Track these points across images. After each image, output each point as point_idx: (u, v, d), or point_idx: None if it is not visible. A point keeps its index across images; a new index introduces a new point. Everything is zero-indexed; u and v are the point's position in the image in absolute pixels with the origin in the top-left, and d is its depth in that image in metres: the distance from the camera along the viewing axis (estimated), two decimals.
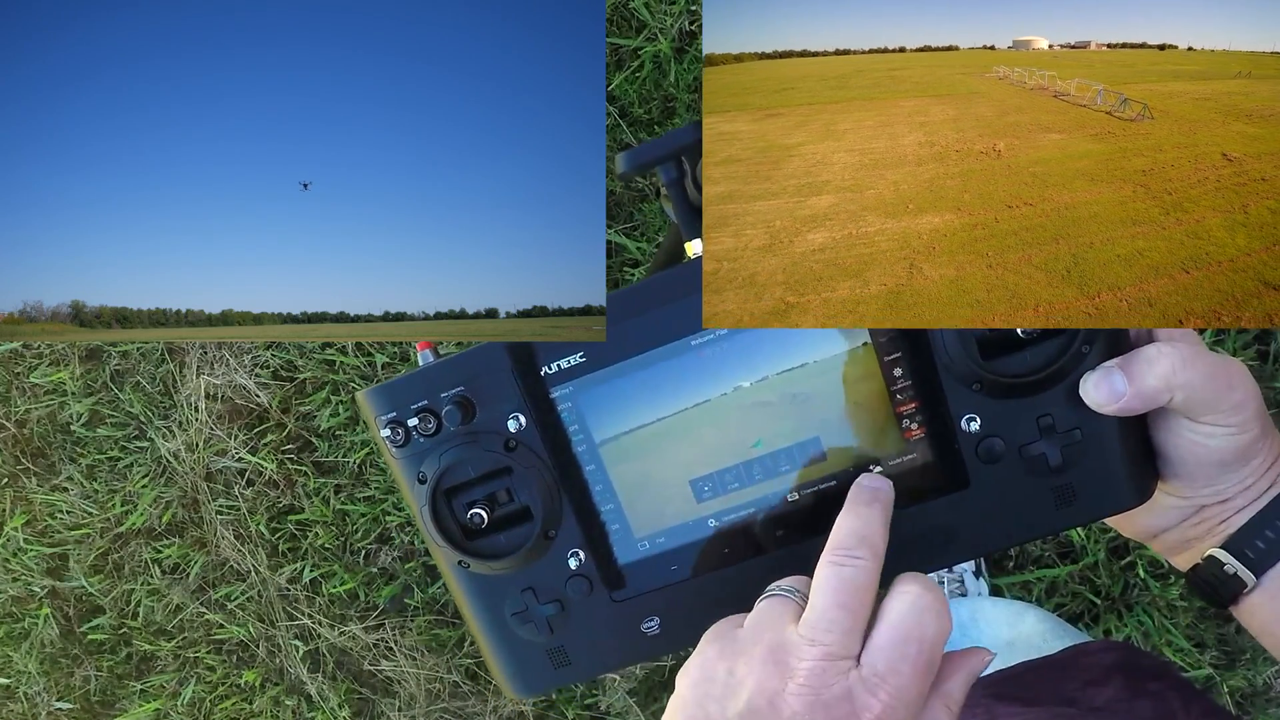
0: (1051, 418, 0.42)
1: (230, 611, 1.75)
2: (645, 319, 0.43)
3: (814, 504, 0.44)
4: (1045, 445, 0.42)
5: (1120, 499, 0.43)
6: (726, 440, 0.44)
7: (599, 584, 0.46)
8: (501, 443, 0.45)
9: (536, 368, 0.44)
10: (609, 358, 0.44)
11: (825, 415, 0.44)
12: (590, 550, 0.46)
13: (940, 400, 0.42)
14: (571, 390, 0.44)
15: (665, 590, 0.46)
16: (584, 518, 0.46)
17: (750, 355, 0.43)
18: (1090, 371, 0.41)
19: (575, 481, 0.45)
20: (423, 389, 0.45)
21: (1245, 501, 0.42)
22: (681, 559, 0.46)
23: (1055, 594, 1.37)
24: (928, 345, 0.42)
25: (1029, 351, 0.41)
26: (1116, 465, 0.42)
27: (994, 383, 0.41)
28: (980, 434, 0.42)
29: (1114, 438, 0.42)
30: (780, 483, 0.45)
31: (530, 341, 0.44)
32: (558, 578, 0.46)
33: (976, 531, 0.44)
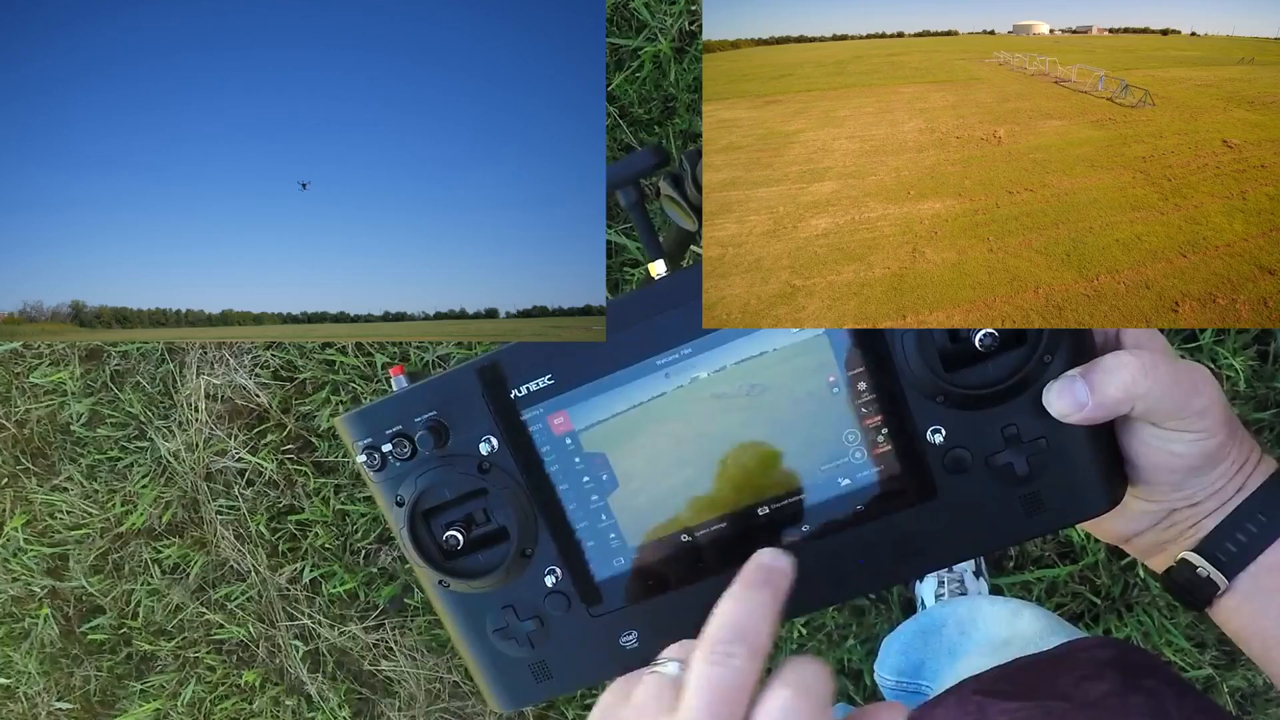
0: (1016, 427, 0.42)
1: (230, 611, 1.74)
2: (614, 340, 0.44)
3: (785, 516, 0.45)
4: (1011, 455, 0.42)
5: (1088, 506, 0.43)
6: (693, 450, 0.45)
7: (577, 600, 0.47)
8: (475, 465, 0.46)
9: (507, 391, 0.45)
10: (577, 379, 0.45)
11: (789, 421, 0.44)
12: (567, 567, 0.47)
13: (905, 413, 0.43)
14: (542, 412, 0.45)
15: (642, 604, 0.47)
16: (559, 536, 0.47)
17: (714, 360, 0.44)
18: (1053, 381, 0.41)
19: (549, 501, 0.46)
20: (397, 414, 0.46)
21: (1215, 504, 0.43)
22: (656, 573, 0.47)
23: (1055, 594, 1.36)
24: (890, 360, 0.42)
25: (991, 363, 0.41)
26: (1083, 472, 0.43)
27: (958, 395, 0.42)
28: (946, 445, 0.43)
29: (1080, 445, 0.42)
30: (750, 496, 0.45)
31: (500, 364, 0.45)
32: (536, 595, 0.48)
33: (945, 542, 0.44)
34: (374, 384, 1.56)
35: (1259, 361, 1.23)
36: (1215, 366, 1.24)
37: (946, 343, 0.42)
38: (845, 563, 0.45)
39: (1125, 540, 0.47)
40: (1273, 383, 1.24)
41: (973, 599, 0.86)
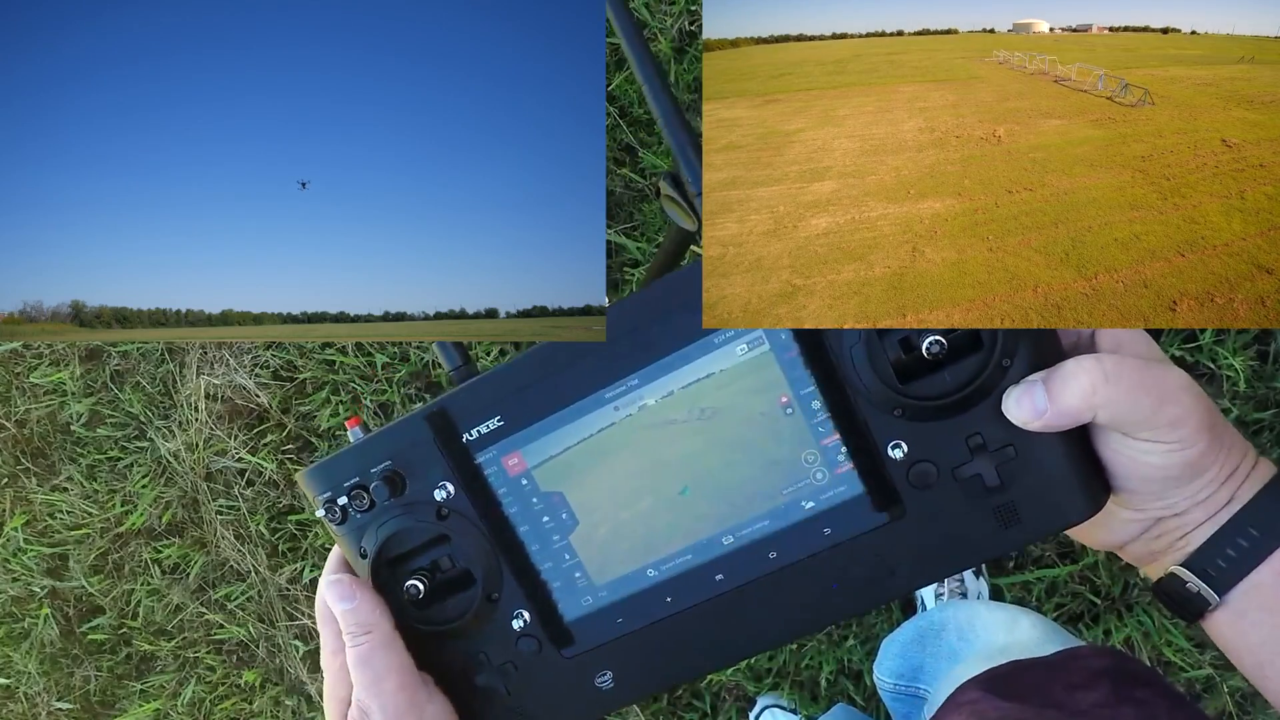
0: (981, 436, 0.40)
1: (230, 611, 1.74)
2: (561, 377, 0.43)
3: (750, 545, 0.44)
4: (979, 465, 0.41)
5: (1067, 513, 0.41)
6: (651, 480, 0.44)
7: (547, 643, 0.47)
8: (434, 512, 0.46)
9: (458, 435, 0.45)
10: (526, 418, 0.44)
11: (745, 444, 0.43)
12: (534, 610, 0.46)
13: (862, 430, 0.41)
14: (495, 453, 0.45)
15: (614, 644, 0.46)
16: (524, 578, 0.46)
17: (661, 387, 0.43)
18: (1013, 386, 0.39)
19: (511, 543, 0.46)
20: (353, 467, 0.46)
21: (1203, 515, 0.40)
22: (626, 611, 0.46)
23: (1055, 594, 1.36)
24: (840, 374, 0.41)
25: (948, 370, 0.39)
26: (1059, 479, 0.40)
27: (915, 406, 0.40)
28: (909, 460, 0.41)
29: (1053, 451, 0.40)
30: (713, 527, 0.44)
31: (448, 410, 0.44)
32: (507, 639, 0.47)
33: (920, 560, 0.42)
34: (374, 384, 1.56)
35: (1259, 361, 1.23)
36: (1215, 367, 1.24)
37: (899, 353, 0.40)
38: (819, 589, 0.43)
39: (1116, 548, 0.45)
40: (1273, 383, 1.24)
41: (972, 604, 0.86)
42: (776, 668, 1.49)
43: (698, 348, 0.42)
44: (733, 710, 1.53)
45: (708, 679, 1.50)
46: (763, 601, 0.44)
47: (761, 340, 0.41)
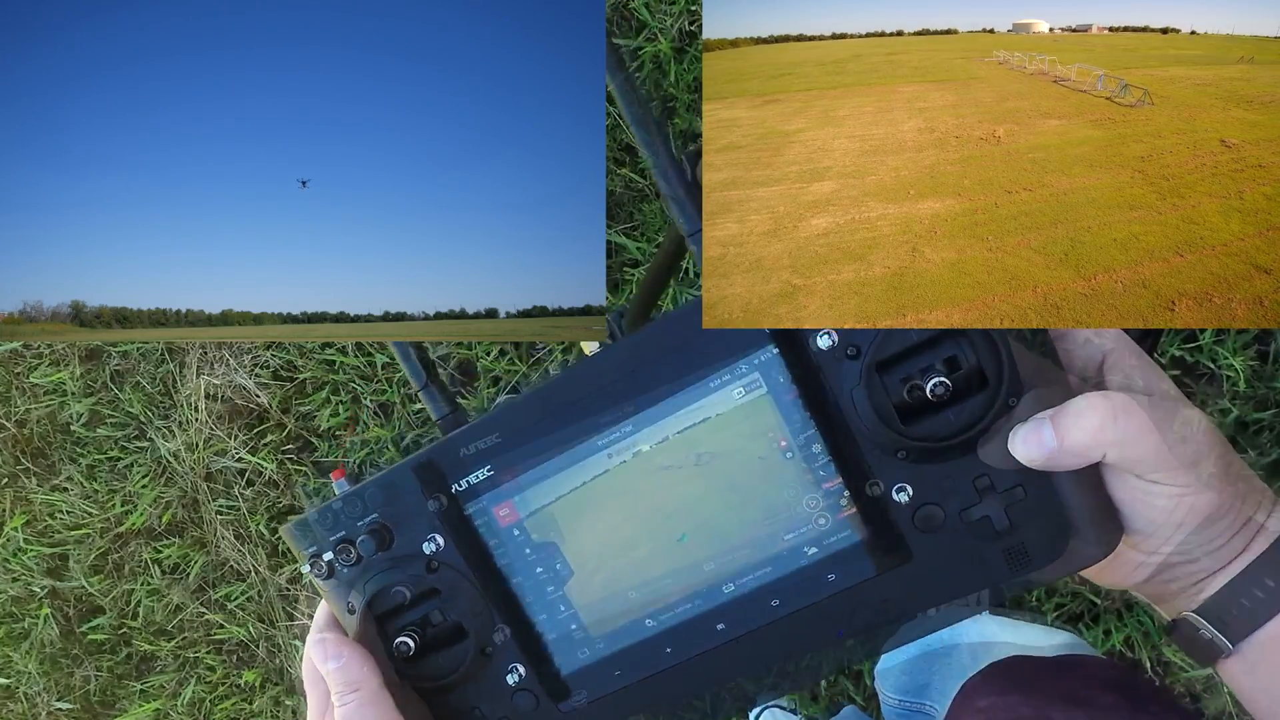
0: (989, 478, 0.39)
1: (230, 611, 1.74)
2: (553, 423, 0.42)
3: (752, 593, 0.43)
4: (987, 507, 0.39)
5: (1080, 556, 0.40)
6: (646, 527, 0.43)
7: (544, 697, 0.45)
8: (423, 565, 0.44)
9: (447, 486, 0.44)
10: (517, 468, 0.43)
11: (744, 489, 0.41)
12: (529, 663, 0.45)
13: (865, 473, 0.40)
14: (486, 504, 0.44)
15: (613, 696, 0.45)
16: (519, 630, 0.45)
17: (656, 432, 0.42)
18: (1019, 425, 0.38)
19: (504, 595, 0.45)
20: (339, 521, 0.45)
21: (1215, 564, 0.39)
22: (624, 663, 0.45)
23: (1055, 594, 1.36)
24: (841, 416, 0.40)
25: (951, 410, 0.38)
26: (1070, 520, 0.39)
27: (919, 448, 0.39)
28: (914, 503, 0.40)
29: (1063, 492, 0.39)
30: (713, 575, 0.43)
31: (436, 461, 0.43)
32: (502, 694, 0.46)
33: (927, 604, 0.41)
34: (374, 384, 1.56)
35: (1259, 361, 1.23)
36: (1215, 367, 1.24)
37: (901, 394, 0.38)
38: (823, 637, 0.43)
39: (1129, 588, 0.43)
40: (1273, 383, 1.24)
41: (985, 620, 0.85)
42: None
43: (694, 391, 0.41)
44: (732, 710, 1.53)
45: None
46: (766, 650, 0.43)
47: (759, 383, 0.40)
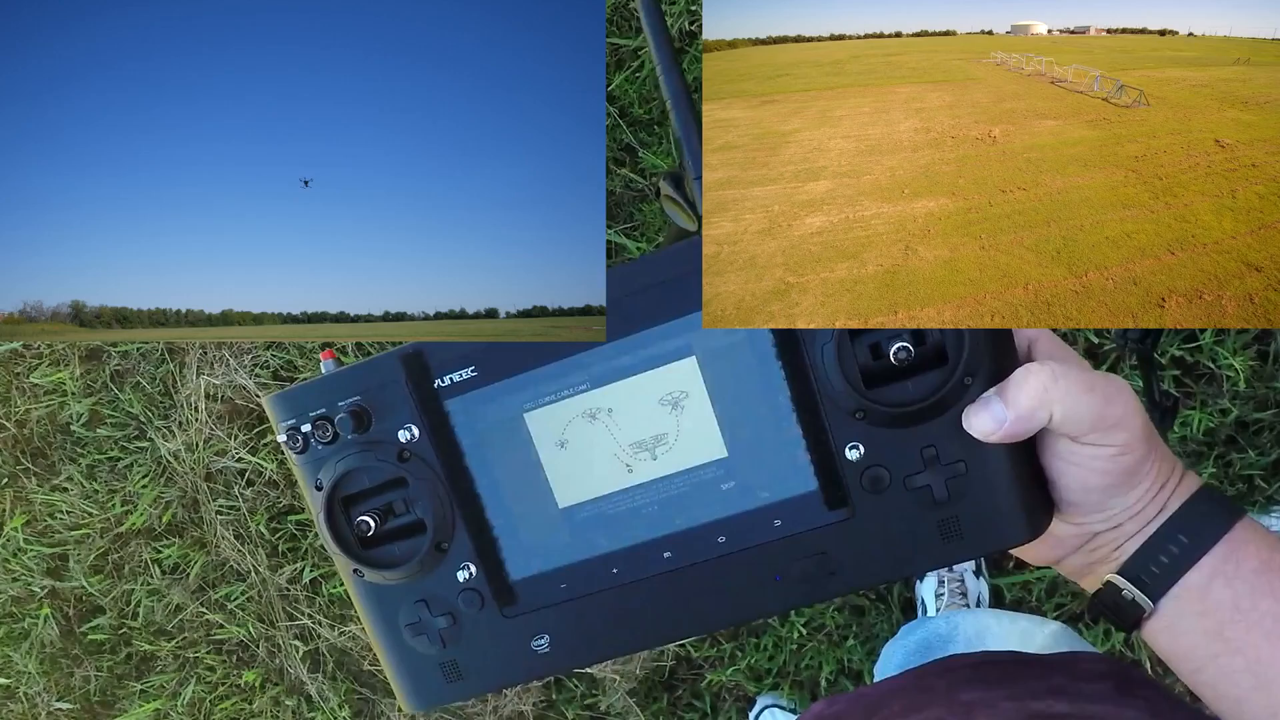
0: (936, 449, 0.41)
1: (230, 611, 1.75)
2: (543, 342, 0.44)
3: (700, 527, 0.44)
4: (930, 477, 0.42)
5: (1007, 535, 0.42)
6: (611, 451, 0.44)
7: (490, 599, 0.46)
8: (395, 453, 0.45)
9: (430, 380, 0.44)
10: (501, 373, 0.44)
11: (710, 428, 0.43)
12: (481, 565, 0.46)
13: (822, 428, 0.42)
14: (464, 403, 0.44)
15: (555, 608, 0.46)
16: (476, 532, 0.46)
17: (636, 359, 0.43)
18: (972, 404, 0.40)
19: (468, 495, 0.45)
20: (321, 398, 0.45)
21: (1136, 527, 0.42)
22: (571, 578, 0.46)
23: (1055, 594, 1.36)
24: (809, 372, 0.42)
25: (912, 381, 0.41)
26: (1004, 501, 0.42)
27: (877, 412, 0.41)
28: (864, 463, 0.42)
29: (1001, 473, 0.41)
30: (668, 507, 0.44)
31: (424, 352, 0.44)
32: (450, 591, 0.46)
33: (861, 562, 0.43)
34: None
35: (1259, 361, 1.24)
36: (1215, 367, 1.25)
37: (868, 358, 0.41)
38: (761, 579, 0.44)
39: (1054, 563, 0.46)
40: (1273, 383, 1.24)
41: (980, 614, 0.86)
42: (776, 668, 1.50)
43: (678, 325, 0.42)
44: (733, 710, 1.53)
45: (708, 679, 1.51)
46: (705, 585, 0.44)
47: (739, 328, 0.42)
